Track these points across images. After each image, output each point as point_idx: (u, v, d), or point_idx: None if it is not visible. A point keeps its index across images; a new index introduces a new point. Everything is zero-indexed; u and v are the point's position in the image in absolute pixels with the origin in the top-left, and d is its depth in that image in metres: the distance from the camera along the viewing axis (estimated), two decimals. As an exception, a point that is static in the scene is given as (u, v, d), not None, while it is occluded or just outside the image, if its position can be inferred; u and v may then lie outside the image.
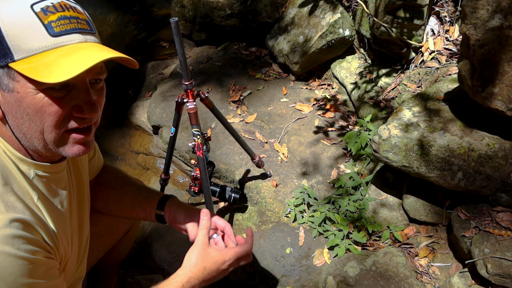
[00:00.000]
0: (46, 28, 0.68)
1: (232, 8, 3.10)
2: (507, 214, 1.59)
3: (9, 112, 0.73)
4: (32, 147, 0.78)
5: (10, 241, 0.68)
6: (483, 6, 1.43)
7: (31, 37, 0.68)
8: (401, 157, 1.74)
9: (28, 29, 0.67)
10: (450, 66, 2.19)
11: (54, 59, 0.67)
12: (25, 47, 0.68)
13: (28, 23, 0.67)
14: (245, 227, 2.11)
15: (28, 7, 0.68)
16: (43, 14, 0.68)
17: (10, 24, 0.67)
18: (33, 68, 0.66)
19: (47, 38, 0.69)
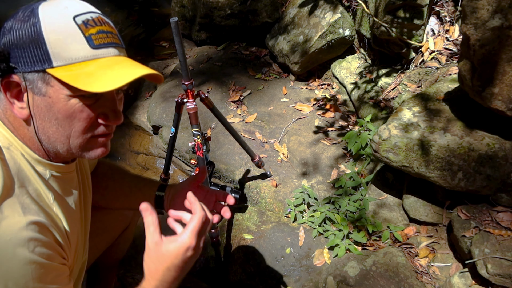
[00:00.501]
0: (87, 40, 0.72)
1: (232, 8, 3.10)
2: (507, 214, 1.59)
3: (37, 115, 0.75)
4: (53, 150, 0.80)
5: (26, 243, 0.69)
6: (483, 6, 1.43)
7: (72, 47, 0.71)
8: (401, 157, 1.74)
9: (70, 38, 0.71)
10: (450, 66, 2.19)
11: (94, 70, 0.71)
12: (65, 56, 0.71)
13: (70, 33, 0.71)
14: (245, 227, 2.11)
15: (71, 19, 0.71)
16: (84, 26, 0.72)
17: (53, 32, 0.70)
18: (74, 76, 0.69)
19: (87, 49, 0.72)
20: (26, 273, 0.69)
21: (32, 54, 0.70)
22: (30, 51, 0.70)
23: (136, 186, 1.22)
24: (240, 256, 1.98)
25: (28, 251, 0.69)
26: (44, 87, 0.72)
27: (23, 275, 0.69)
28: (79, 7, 0.75)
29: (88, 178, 1.08)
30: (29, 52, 0.70)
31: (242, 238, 2.06)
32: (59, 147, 0.79)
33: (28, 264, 0.69)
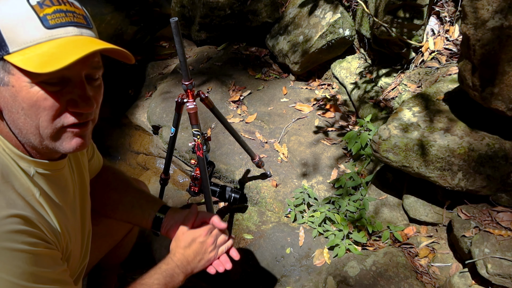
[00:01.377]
0: (41, 21, 0.68)
1: (232, 8, 3.10)
2: (507, 214, 1.59)
3: (5, 107, 0.72)
4: (28, 143, 0.77)
5: (11, 236, 0.69)
6: (483, 6, 1.43)
7: (26, 30, 0.67)
8: (401, 157, 1.74)
9: (24, 21, 0.67)
10: (450, 66, 2.19)
11: (47, 50, 0.67)
12: (20, 40, 0.67)
13: (23, 15, 0.67)
14: (245, 227, 2.11)
15: (25, 1, 0.68)
16: (39, 7, 0.68)
17: (6, 17, 0.67)
18: (26, 59, 0.66)
19: (41, 30, 0.68)
20: (19, 264, 0.69)
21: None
22: None
23: (138, 203, 1.20)
24: (240, 256, 1.98)
25: (15, 243, 0.69)
26: (7, 76, 0.69)
27: (17, 265, 0.69)
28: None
29: (85, 179, 1.06)
30: None
31: (242, 238, 2.06)
32: (32, 139, 0.76)
33: (19, 255, 0.69)
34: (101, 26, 3.89)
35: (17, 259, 0.69)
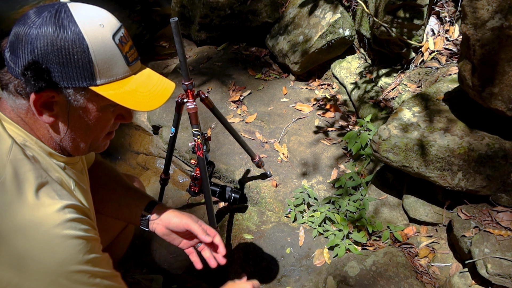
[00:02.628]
0: (125, 58, 0.78)
1: (232, 8, 3.10)
2: (507, 214, 1.59)
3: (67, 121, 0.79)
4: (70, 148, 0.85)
5: (70, 224, 0.74)
6: (483, 6, 1.43)
7: (115, 66, 0.77)
8: (401, 157, 1.74)
9: (113, 59, 0.76)
10: (450, 66, 2.19)
11: (135, 88, 0.79)
12: (107, 74, 0.76)
13: (113, 54, 0.76)
14: (245, 227, 2.11)
15: (111, 38, 0.76)
16: (121, 45, 0.78)
17: (100, 55, 0.74)
18: (118, 95, 0.77)
19: (125, 67, 0.79)
20: (80, 248, 0.74)
21: (76, 73, 0.73)
22: (75, 70, 0.73)
23: (125, 201, 1.21)
24: (240, 256, 1.98)
25: (74, 230, 0.74)
26: (82, 100, 0.77)
27: (78, 250, 0.74)
28: (112, 22, 0.78)
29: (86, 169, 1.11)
30: (74, 71, 0.73)
31: (242, 238, 2.06)
32: (81, 146, 0.85)
33: (79, 241, 0.74)
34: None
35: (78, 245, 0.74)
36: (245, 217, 2.17)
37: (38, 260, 0.70)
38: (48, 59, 0.71)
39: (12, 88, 0.75)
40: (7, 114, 0.79)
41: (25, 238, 0.69)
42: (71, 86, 0.74)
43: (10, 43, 0.74)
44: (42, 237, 0.70)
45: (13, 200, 0.70)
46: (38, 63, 0.71)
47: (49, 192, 0.75)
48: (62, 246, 0.72)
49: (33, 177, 0.74)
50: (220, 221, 2.18)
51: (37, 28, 0.70)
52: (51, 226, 0.71)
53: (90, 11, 0.77)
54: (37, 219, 0.70)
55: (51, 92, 0.74)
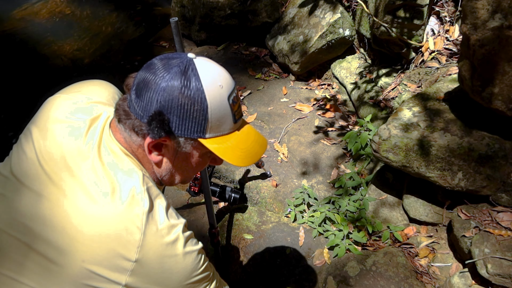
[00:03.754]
0: (233, 116, 0.85)
1: (232, 8, 3.10)
2: (507, 214, 1.59)
3: (172, 161, 0.88)
4: (166, 182, 0.94)
5: (192, 241, 0.85)
6: (483, 6, 1.43)
7: (224, 124, 0.84)
8: (401, 157, 1.74)
9: (224, 118, 0.83)
10: (450, 66, 2.19)
11: (236, 144, 0.86)
12: (217, 130, 0.83)
13: (226, 114, 0.83)
14: (245, 227, 2.11)
15: (226, 99, 0.82)
16: (233, 104, 0.84)
17: (216, 114, 0.81)
18: (221, 149, 0.84)
19: (231, 124, 0.85)
20: (202, 260, 0.86)
21: (192, 127, 0.81)
22: (191, 125, 0.80)
23: None
24: (240, 256, 1.98)
25: (197, 246, 0.86)
26: (189, 147, 0.85)
27: (202, 262, 0.86)
28: (229, 83, 0.84)
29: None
30: (190, 125, 0.80)
31: (242, 238, 2.06)
32: (176, 181, 0.94)
33: (200, 255, 0.86)
34: (101, 26, 3.89)
35: (200, 257, 0.86)
36: (245, 217, 2.17)
37: (176, 273, 0.82)
38: (171, 111, 0.78)
39: (130, 125, 0.83)
40: (122, 145, 0.87)
41: (164, 257, 0.81)
42: (183, 136, 0.82)
43: (137, 87, 0.81)
44: (178, 254, 0.81)
45: (150, 224, 0.80)
46: (163, 114, 0.78)
47: (173, 213, 0.86)
48: (191, 260, 0.83)
49: (162, 204, 0.84)
50: (220, 221, 2.18)
51: (166, 82, 0.77)
52: (183, 244, 0.82)
53: (213, 71, 0.82)
54: (171, 239, 0.81)
55: (166, 140, 0.82)
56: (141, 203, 0.80)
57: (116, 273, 0.77)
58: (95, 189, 0.79)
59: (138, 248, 0.77)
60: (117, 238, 0.76)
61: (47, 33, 3.89)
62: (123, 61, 3.56)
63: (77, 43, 3.78)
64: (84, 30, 3.88)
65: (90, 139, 0.85)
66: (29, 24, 4.03)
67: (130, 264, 0.77)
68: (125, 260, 0.76)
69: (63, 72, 3.46)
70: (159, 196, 0.85)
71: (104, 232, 0.76)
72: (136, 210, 0.79)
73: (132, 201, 0.79)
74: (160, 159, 0.86)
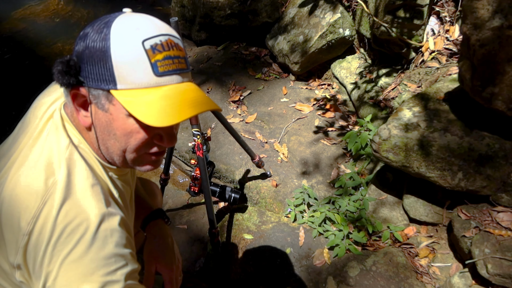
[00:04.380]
0: (152, 67, 0.73)
1: (232, 8, 3.09)
2: (507, 214, 1.59)
3: (98, 127, 0.79)
4: (109, 159, 0.85)
5: (107, 231, 0.75)
6: (483, 6, 1.43)
7: (137, 72, 0.72)
8: (401, 157, 1.74)
9: (136, 64, 0.72)
10: (450, 66, 2.19)
11: (154, 100, 0.73)
12: (129, 80, 0.73)
13: (137, 58, 0.72)
14: (245, 227, 2.11)
15: (140, 43, 0.72)
16: (152, 52, 0.73)
17: (120, 56, 0.72)
18: (134, 103, 0.73)
19: (151, 76, 0.73)
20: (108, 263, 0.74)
21: (99, 73, 0.72)
22: (97, 70, 0.72)
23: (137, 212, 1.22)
24: (240, 256, 1.98)
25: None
26: (107, 104, 0.75)
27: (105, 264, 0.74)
28: (151, 29, 0.74)
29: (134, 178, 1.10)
30: (97, 70, 0.72)
31: (242, 238, 2.06)
32: (116, 159, 0.83)
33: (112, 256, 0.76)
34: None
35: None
36: (245, 217, 2.17)
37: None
38: (81, 58, 0.74)
39: (63, 86, 0.78)
40: (68, 114, 0.83)
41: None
42: (94, 86, 0.74)
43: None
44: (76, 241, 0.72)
45: (62, 197, 0.73)
46: (72, 60, 0.73)
47: (96, 195, 0.77)
48: (93, 256, 0.73)
49: (84, 177, 0.77)
50: (220, 221, 2.18)
51: (84, 30, 0.75)
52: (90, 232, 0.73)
53: (138, 18, 0.76)
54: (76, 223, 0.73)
55: (81, 90, 0.76)
56: (56, 172, 0.75)
57: (11, 245, 0.73)
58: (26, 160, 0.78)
59: (33, 219, 0.72)
60: (22, 207, 0.73)
61: (47, 33, 3.90)
62: (123, 61, 3.56)
63: (77, 43, 3.77)
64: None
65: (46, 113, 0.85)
66: (29, 24, 4.03)
67: (24, 239, 0.72)
68: (21, 234, 0.72)
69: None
70: (80, 172, 0.77)
71: (15, 202, 0.74)
72: (48, 180, 0.74)
73: (45, 169, 0.75)
74: (87, 122, 0.79)
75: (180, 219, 2.24)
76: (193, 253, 2.07)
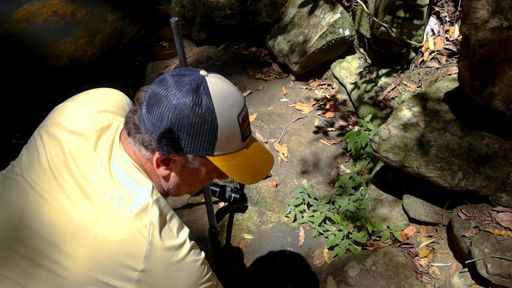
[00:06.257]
0: (242, 135, 0.86)
1: (232, 8, 3.10)
2: (507, 214, 1.59)
3: (179, 175, 0.89)
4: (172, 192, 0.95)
5: (196, 250, 0.86)
6: (483, 6, 1.43)
7: (233, 142, 0.85)
8: (401, 157, 1.74)
9: (233, 137, 0.84)
10: (450, 66, 2.19)
11: (243, 163, 0.88)
12: (225, 148, 0.84)
13: (234, 132, 0.84)
14: (245, 227, 2.11)
15: (236, 118, 0.83)
16: (242, 123, 0.85)
17: (225, 133, 0.82)
18: (229, 167, 0.85)
19: (240, 142, 0.87)
20: (205, 270, 0.87)
21: (201, 144, 0.82)
22: (201, 143, 0.82)
23: None
24: (240, 256, 1.98)
25: (199, 256, 0.87)
26: (197, 163, 0.86)
27: (206, 272, 0.87)
28: (238, 102, 0.84)
29: None
30: (199, 142, 0.81)
31: (242, 238, 2.06)
32: (182, 193, 0.95)
33: (203, 264, 0.86)
34: (101, 26, 3.89)
35: (203, 267, 0.87)
36: (245, 217, 2.17)
37: (181, 283, 0.83)
38: (181, 129, 0.80)
39: (140, 139, 0.84)
40: (131, 157, 0.87)
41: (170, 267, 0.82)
42: (192, 153, 0.83)
43: (148, 102, 0.82)
44: (183, 264, 0.83)
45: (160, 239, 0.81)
46: (173, 132, 0.79)
47: (179, 225, 0.88)
48: (195, 269, 0.84)
49: (170, 213, 0.87)
50: (220, 221, 2.18)
51: (178, 99, 0.78)
52: (188, 254, 0.84)
53: (224, 90, 0.83)
54: (177, 251, 0.83)
55: (175, 156, 0.83)
56: (149, 213, 0.81)
57: (122, 282, 0.78)
58: (102, 199, 0.80)
59: (144, 258, 0.78)
60: (124, 248, 0.78)
61: (47, 34, 3.89)
62: (123, 61, 3.56)
63: (77, 43, 3.78)
64: (84, 30, 3.88)
65: (101, 150, 0.86)
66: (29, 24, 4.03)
67: (137, 274, 0.78)
68: (132, 270, 0.78)
69: (63, 72, 3.45)
70: (166, 208, 0.86)
71: (111, 241, 0.77)
72: (144, 220, 0.80)
73: (141, 212, 0.80)
74: (168, 173, 0.87)
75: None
76: (193, 253, 2.07)
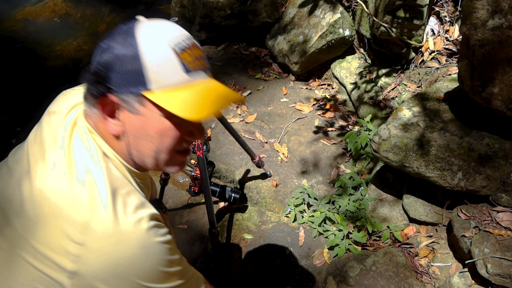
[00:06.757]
0: (182, 65, 0.76)
1: (232, 8, 3.10)
2: (507, 214, 1.59)
3: (130, 131, 0.80)
4: (140, 163, 0.86)
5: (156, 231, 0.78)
6: (483, 6, 1.43)
7: (168, 72, 0.75)
8: (401, 157, 1.74)
9: (166, 64, 0.75)
10: (450, 66, 2.19)
11: (189, 96, 0.77)
12: (161, 80, 0.75)
13: (167, 59, 0.75)
14: (245, 227, 2.11)
15: (167, 44, 0.76)
16: (180, 52, 0.77)
17: (151, 58, 0.74)
18: (169, 101, 0.75)
19: (182, 74, 0.76)
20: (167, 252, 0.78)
21: (129, 77, 0.74)
22: (127, 74, 0.74)
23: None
24: (240, 256, 1.98)
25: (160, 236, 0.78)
26: (139, 107, 0.77)
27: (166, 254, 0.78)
28: (175, 31, 0.78)
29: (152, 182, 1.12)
30: (126, 75, 0.74)
31: (242, 238, 2.06)
32: (147, 161, 0.84)
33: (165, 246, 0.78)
34: (101, 26, 3.89)
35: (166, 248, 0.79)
36: (245, 217, 2.17)
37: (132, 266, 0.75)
38: (108, 67, 0.75)
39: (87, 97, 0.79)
40: (91, 124, 0.83)
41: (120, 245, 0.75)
42: (125, 92, 0.76)
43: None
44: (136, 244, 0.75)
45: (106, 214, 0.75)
46: (99, 69, 0.75)
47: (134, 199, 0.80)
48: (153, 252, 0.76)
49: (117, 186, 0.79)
50: (220, 221, 2.18)
51: (105, 42, 0.76)
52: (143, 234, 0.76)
53: (154, 23, 0.79)
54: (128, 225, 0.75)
55: (110, 97, 0.76)
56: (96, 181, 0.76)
57: (61, 256, 0.72)
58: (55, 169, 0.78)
59: (85, 229, 0.72)
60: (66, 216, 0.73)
61: (47, 33, 3.90)
62: (123, 61, 3.56)
63: (77, 43, 3.78)
64: (84, 30, 3.88)
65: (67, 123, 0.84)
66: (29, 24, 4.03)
67: (77, 248, 0.71)
68: (72, 242, 0.72)
69: (63, 72, 3.46)
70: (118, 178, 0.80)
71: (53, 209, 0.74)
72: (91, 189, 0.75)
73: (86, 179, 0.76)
74: (118, 129, 0.80)
75: (180, 219, 2.24)
76: (193, 253, 2.07)
